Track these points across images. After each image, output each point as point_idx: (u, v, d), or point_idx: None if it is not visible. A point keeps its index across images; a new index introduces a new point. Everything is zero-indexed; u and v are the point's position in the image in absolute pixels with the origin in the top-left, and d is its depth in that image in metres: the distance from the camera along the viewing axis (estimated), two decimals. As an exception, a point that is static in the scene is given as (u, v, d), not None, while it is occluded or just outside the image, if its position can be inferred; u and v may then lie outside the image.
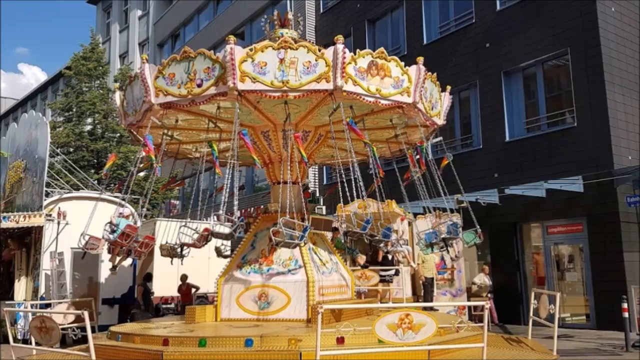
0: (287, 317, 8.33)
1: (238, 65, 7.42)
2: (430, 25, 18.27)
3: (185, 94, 7.70)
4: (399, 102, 8.17)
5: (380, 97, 7.97)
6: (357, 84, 7.68)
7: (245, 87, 7.48)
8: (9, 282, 13.39)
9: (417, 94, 8.17)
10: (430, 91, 8.82)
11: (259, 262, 8.93)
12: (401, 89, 8.12)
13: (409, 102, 8.21)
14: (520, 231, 15.29)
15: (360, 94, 7.76)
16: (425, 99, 8.63)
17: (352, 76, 7.65)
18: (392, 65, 8.05)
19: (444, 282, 13.51)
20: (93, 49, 24.46)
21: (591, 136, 13.57)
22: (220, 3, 28.70)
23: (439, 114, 9.43)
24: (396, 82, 8.07)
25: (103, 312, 12.50)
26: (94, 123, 23.71)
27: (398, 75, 8.06)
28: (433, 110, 9.09)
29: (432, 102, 8.98)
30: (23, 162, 14.04)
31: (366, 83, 7.79)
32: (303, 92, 7.61)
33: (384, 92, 7.98)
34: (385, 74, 7.97)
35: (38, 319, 6.51)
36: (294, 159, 9.12)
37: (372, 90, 7.83)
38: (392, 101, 8.12)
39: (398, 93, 8.10)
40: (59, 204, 12.99)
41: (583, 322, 13.71)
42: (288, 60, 7.52)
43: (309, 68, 7.58)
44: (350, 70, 7.64)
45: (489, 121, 16.01)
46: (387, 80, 7.99)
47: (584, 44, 13.93)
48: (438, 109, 9.35)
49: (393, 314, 5.87)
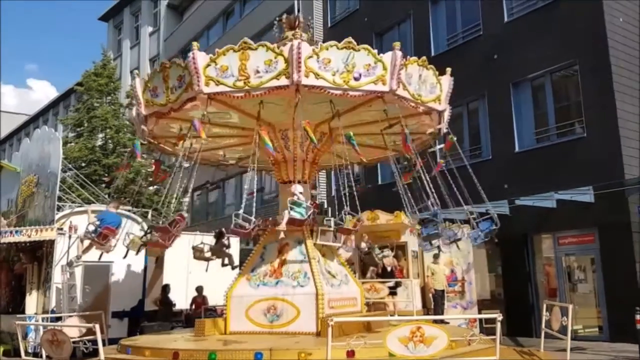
0: (296, 330, 8.33)
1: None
2: (437, 38, 18.34)
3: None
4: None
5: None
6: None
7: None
8: (20, 295, 13.47)
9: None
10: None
11: (268, 275, 8.94)
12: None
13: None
14: (531, 242, 15.17)
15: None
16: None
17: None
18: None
19: (454, 295, 13.41)
20: (104, 65, 24.77)
21: (601, 146, 13.49)
22: (229, 19, 29.06)
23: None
24: (367, 70, 7.89)
25: (113, 325, 12.51)
26: (106, 138, 23.93)
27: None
28: (429, 95, 8.82)
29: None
30: (35, 177, 14.16)
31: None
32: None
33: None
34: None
35: (50, 333, 6.55)
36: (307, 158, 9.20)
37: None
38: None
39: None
40: (71, 217, 13.09)
41: (596, 334, 13.53)
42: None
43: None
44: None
45: (498, 132, 15.98)
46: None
47: (592, 55, 13.91)
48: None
49: (404, 327, 5.84)
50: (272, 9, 23.08)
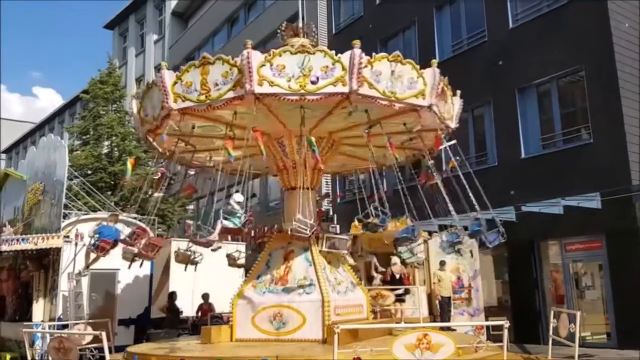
0: (302, 337, 8.31)
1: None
2: (442, 44, 18.36)
3: (297, 88, 7.72)
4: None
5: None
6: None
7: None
8: (27, 303, 13.51)
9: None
10: (394, 72, 8.39)
11: (274, 282, 8.93)
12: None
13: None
14: (538, 249, 15.10)
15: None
16: (381, 83, 8.24)
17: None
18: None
19: (461, 302, 13.35)
20: (110, 73, 24.90)
21: (608, 152, 13.44)
22: (234, 26, 29.20)
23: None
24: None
25: (119, 333, 12.51)
26: (112, 146, 24.01)
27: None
28: (407, 91, 8.62)
29: (400, 83, 8.55)
30: (42, 185, 14.22)
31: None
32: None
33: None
34: (400, 76, 7.99)
35: (56, 340, 6.56)
36: (308, 164, 9.19)
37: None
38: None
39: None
40: (77, 225, 13.12)
41: (604, 341, 13.42)
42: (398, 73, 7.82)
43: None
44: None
45: (504, 138, 15.95)
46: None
47: (598, 60, 13.87)
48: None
49: (411, 334, 5.82)
50: (276, 16, 23.18)
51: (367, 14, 21.08)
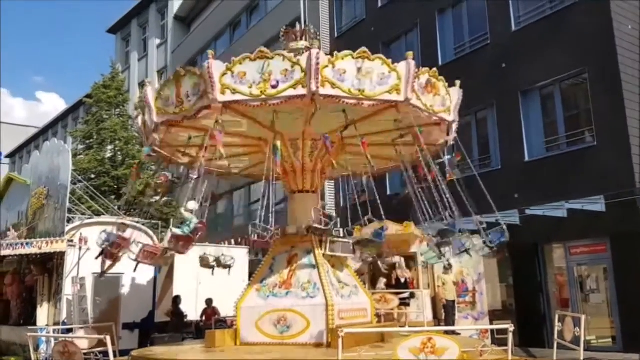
0: (306, 341, 8.29)
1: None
2: (445, 47, 18.36)
3: (258, 94, 7.71)
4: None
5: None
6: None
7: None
8: (31, 307, 13.53)
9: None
10: (360, 70, 8.20)
11: (278, 286, 8.93)
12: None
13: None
14: (542, 252, 15.05)
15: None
16: (347, 82, 8.08)
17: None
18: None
19: (465, 306, 13.31)
20: (113, 78, 24.99)
21: (612, 155, 13.40)
22: (236, 30, 29.27)
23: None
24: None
25: (123, 337, 12.53)
26: (115, 150, 24.07)
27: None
28: (378, 88, 8.41)
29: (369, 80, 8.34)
30: (45, 189, 14.26)
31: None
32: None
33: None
34: (368, 73, 7.78)
35: (61, 344, 6.57)
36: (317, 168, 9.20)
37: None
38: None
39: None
40: (81, 229, 13.15)
41: (609, 345, 13.37)
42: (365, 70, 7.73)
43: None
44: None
45: (508, 141, 15.92)
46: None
47: (601, 62, 13.85)
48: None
49: (415, 338, 5.81)
50: (278, 20, 23.20)
51: (370, 17, 21.11)
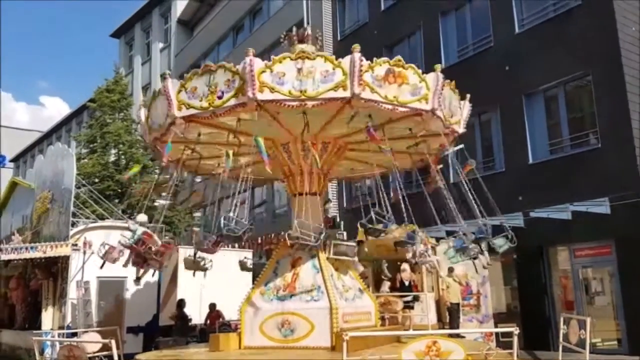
0: (311, 344, 8.28)
1: (257, 76, 7.60)
2: (448, 50, 18.35)
3: (207, 107, 7.92)
4: (417, 109, 8.23)
5: (398, 105, 8.03)
6: (374, 91, 7.79)
7: (263, 97, 7.67)
8: (36, 311, 13.55)
9: (436, 101, 8.22)
10: (449, 99, 8.84)
11: (282, 289, 8.92)
12: (419, 96, 8.19)
13: (427, 109, 8.27)
14: (546, 255, 15.01)
15: (378, 101, 7.85)
16: (444, 107, 8.64)
17: (369, 84, 7.75)
18: (410, 72, 8.14)
19: (470, 309, 13.27)
20: (117, 82, 25.06)
21: (616, 157, 13.36)
22: (239, 34, 29.33)
23: (458, 122, 9.45)
24: (414, 89, 8.15)
25: (128, 341, 12.52)
26: (119, 154, 24.12)
27: (416, 83, 8.12)
28: (452, 118, 9.07)
29: (451, 109, 8.98)
30: (50, 194, 14.31)
31: (383, 91, 7.89)
32: (321, 100, 7.76)
33: (402, 99, 8.04)
34: (402, 82, 8.03)
35: (66, 348, 6.57)
36: (314, 170, 9.20)
37: (390, 97, 7.92)
38: (409, 108, 8.19)
39: (416, 100, 8.19)
40: (85, 233, 13.17)
41: (615, 348, 13.31)
42: (306, 70, 7.70)
43: (327, 77, 7.73)
44: (367, 78, 7.74)
45: (511, 144, 15.90)
46: (405, 88, 8.07)
47: (605, 65, 13.82)
48: (458, 117, 9.35)
49: (420, 341, 5.79)
50: (281, 24, 23.25)
51: (372, 20, 21.13)
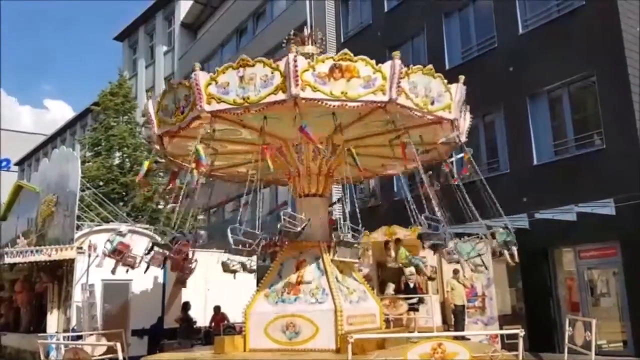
0: (315, 347, 8.28)
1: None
2: (452, 51, 18.33)
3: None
4: (374, 101, 8.00)
5: (347, 100, 7.86)
6: (317, 90, 7.68)
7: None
8: (41, 314, 13.58)
9: (395, 90, 7.87)
10: (424, 85, 8.48)
11: (286, 292, 8.91)
12: (374, 87, 7.94)
13: (385, 99, 7.98)
14: (551, 256, 14.95)
15: (322, 99, 7.73)
16: (416, 94, 8.32)
17: (311, 83, 7.65)
18: (361, 65, 7.91)
19: (475, 311, 13.22)
20: (120, 85, 25.14)
21: (621, 158, 13.30)
22: (242, 37, 29.38)
23: (447, 107, 9.00)
24: (367, 82, 7.91)
25: (133, 343, 12.53)
26: (123, 157, 24.19)
27: (369, 74, 7.86)
28: (434, 104, 8.71)
29: (430, 96, 8.61)
30: (54, 197, 14.34)
31: (328, 87, 7.76)
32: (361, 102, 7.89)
33: (351, 94, 7.85)
34: (352, 76, 7.84)
35: (71, 351, 6.59)
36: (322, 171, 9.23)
37: (336, 94, 7.76)
38: (363, 102, 7.99)
39: (371, 92, 7.95)
40: (90, 236, 13.21)
41: (620, 349, 13.24)
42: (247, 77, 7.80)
43: (266, 82, 7.75)
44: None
45: (516, 145, 15.85)
46: (355, 82, 7.85)
47: (609, 65, 13.77)
48: (445, 102, 8.95)
49: (425, 343, 5.79)
50: (284, 26, 23.25)
51: (376, 22, 21.13)
